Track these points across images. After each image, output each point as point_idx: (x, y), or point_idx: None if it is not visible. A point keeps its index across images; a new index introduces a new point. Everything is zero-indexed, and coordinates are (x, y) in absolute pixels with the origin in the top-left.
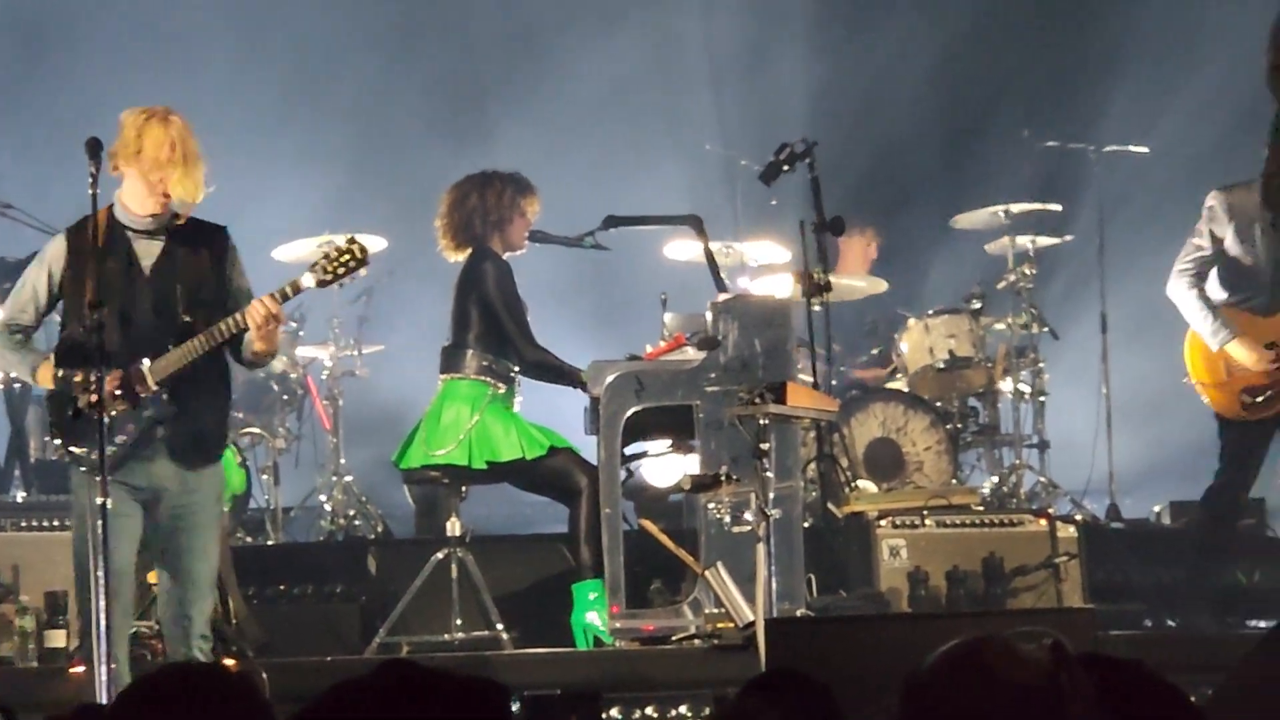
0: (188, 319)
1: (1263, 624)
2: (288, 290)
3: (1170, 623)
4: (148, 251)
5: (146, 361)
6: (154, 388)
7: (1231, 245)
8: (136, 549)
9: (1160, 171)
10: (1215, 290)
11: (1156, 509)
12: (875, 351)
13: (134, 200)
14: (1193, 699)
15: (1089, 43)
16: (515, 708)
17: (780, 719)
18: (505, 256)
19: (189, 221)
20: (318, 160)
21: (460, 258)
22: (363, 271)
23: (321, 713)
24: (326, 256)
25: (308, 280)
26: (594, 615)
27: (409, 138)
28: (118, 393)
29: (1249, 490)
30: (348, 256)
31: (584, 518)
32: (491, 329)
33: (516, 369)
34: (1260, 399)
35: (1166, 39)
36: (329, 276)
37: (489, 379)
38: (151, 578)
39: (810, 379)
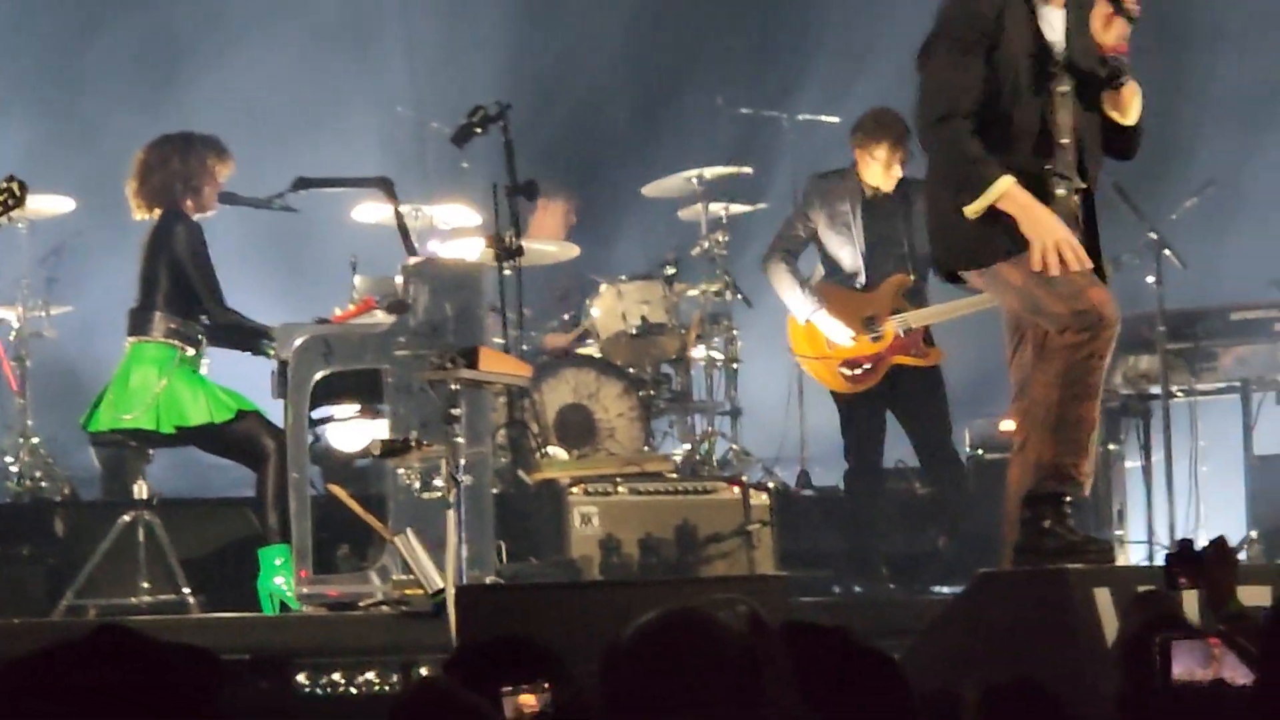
0: None
1: (947, 589)
2: None
3: (856, 589)
4: None
5: None
6: None
7: (825, 229)
8: None
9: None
10: (818, 269)
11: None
12: (566, 317)
13: None
14: None
15: (783, 10)
16: None
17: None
18: (196, 218)
19: None
20: (4, 121)
21: (149, 218)
22: (21, 211)
23: (28, 677)
24: None
25: None
26: (280, 580)
27: (99, 100)
28: None
29: (878, 459)
30: (5, 195)
31: (271, 482)
32: (180, 291)
33: (204, 332)
34: (859, 371)
35: (859, 9)
36: None
37: (176, 342)
38: None
39: (502, 343)
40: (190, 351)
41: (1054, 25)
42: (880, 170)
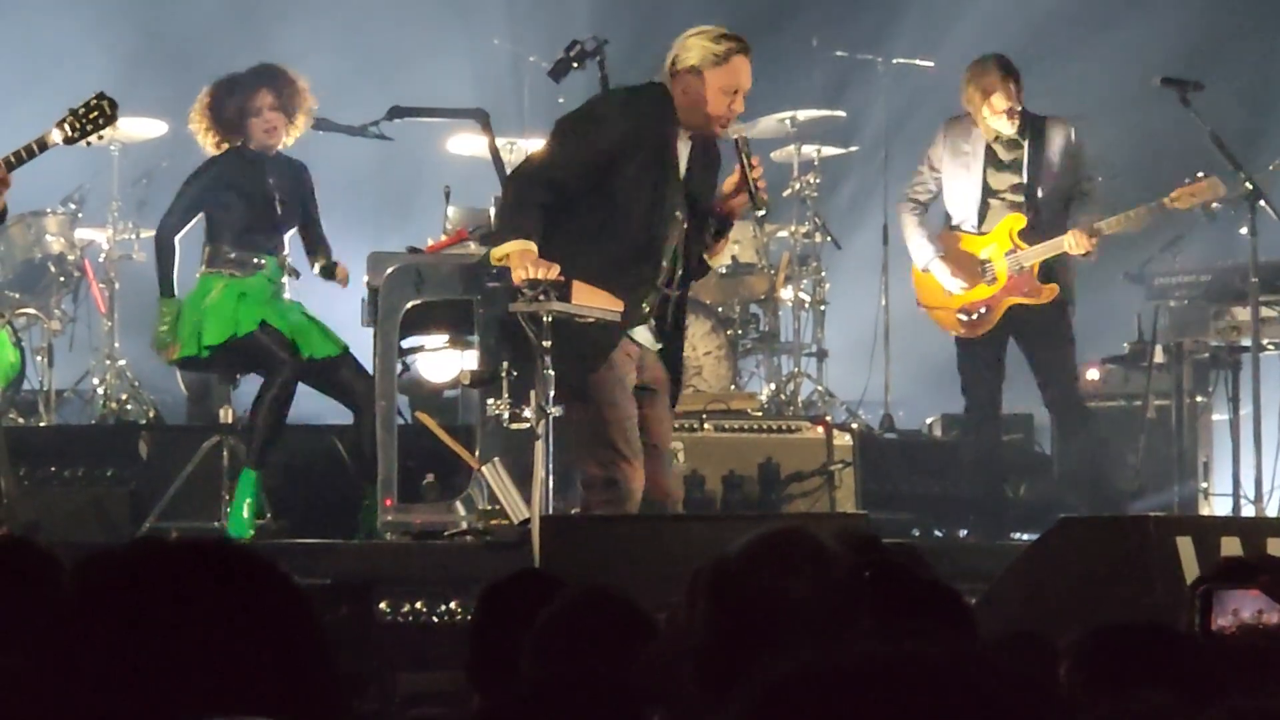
0: None
1: (1026, 536)
2: (34, 147)
3: (937, 533)
4: None
5: None
6: None
7: (948, 171)
8: None
9: (946, 86)
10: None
11: (929, 421)
12: None
13: None
14: None
15: None
16: None
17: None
18: (286, 144)
19: None
20: (100, 43)
21: (216, 151)
22: (113, 133)
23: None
24: (74, 113)
25: (55, 136)
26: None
27: (194, 23)
28: None
29: (997, 405)
30: (96, 113)
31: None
32: (236, 221)
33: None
34: (975, 317)
35: None
36: (77, 133)
37: (228, 270)
38: None
39: None
40: (239, 274)
41: (682, 156)
42: (989, 113)
